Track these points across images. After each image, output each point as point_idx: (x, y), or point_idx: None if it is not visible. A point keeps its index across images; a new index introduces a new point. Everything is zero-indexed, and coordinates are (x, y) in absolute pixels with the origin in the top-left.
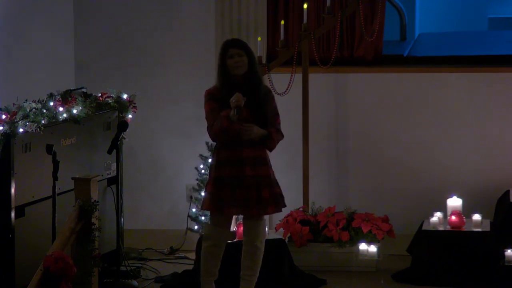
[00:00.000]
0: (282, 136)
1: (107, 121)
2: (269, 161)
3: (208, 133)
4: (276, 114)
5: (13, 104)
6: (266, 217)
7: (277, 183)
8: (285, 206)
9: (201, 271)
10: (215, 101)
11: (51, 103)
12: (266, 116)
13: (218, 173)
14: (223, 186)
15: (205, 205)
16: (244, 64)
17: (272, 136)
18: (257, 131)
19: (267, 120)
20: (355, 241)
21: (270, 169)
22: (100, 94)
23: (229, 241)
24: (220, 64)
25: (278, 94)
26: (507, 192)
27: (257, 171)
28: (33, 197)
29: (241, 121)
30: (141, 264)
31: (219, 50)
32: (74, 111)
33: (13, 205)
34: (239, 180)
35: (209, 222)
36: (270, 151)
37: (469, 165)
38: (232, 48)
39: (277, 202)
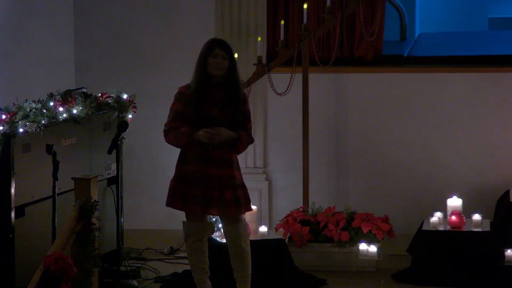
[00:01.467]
0: (253, 140)
1: (107, 121)
2: (237, 163)
3: (163, 133)
4: (249, 119)
5: (13, 104)
6: (266, 217)
7: (243, 186)
8: (248, 210)
9: (192, 271)
10: (183, 102)
11: (51, 103)
12: (239, 119)
13: (183, 170)
14: (186, 182)
15: (167, 201)
16: (224, 68)
17: (242, 139)
18: (225, 133)
19: (239, 124)
20: (355, 241)
21: (236, 171)
22: (100, 94)
23: (223, 241)
24: (201, 60)
25: (278, 94)
26: (507, 192)
27: (222, 171)
28: (33, 197)
29: (210, 125)
30: (141, 264)
31: (204, 46)
32: (74, 111)
33: (13, 205)
34: (203, 178)
35: (186, 220)
36: (238, 154)
37: (469, 165)
38: (218, 49)
39: (239, 204)
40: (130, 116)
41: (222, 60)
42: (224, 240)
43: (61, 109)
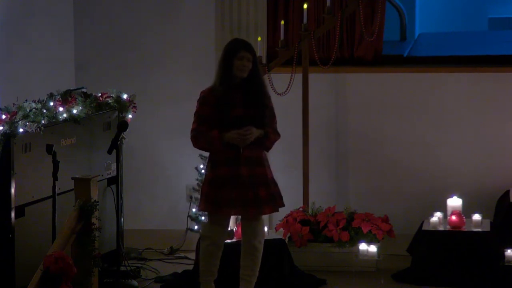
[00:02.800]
0: (279, 136)
1: (107, 121)
2: (267, 161)
3: (191, 137)
4: (274, 115)
5: (13, 104)
6: (266, 217)
7: (275, 183)
8: (283, 206)
9: (200, 271)
10: (208, 105)
11: (51, 103)
12: (264, 117)
13: (215, 173)
14: (220, 186)
15: (201, 206)
16: (248, 70)
17: (269, 136)
18: (254, 132)
19: (265, 121)
20: (355, 241)
21: (267, 169)
22: (100, 94)
23: (228, 241)
24: (225, 62)
25: (278, 94)
26: (507, 192)
27: (253, 171)
28: (33, 197)
29: (237, 126)
30: (141, 264)
31: (228, 47)
32: (74, 111)
33: (13, 205)
34: (235, 180)
35: (207, 222)
36: (267, 151)
37: (469, 165)
38: (244, 51)
39: (274, 201)
40: (130, 116)
41: (247, 63)
42: (229, 240)
43: (61, 109)
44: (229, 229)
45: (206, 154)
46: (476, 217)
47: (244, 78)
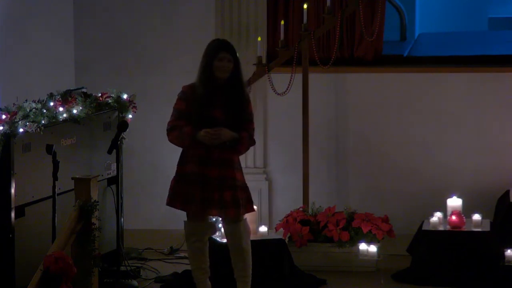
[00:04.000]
0: (254, 142)
1: (107, 121)
2: (239, 164)
3: (166, 130)
4: (251, 121)
5: (13, 104)
6: (266, 217)
7: (245, 187)
8: (250, 211)
9: (192, 270)
10: (186, 101)
11: (51, 103)
12: (241, 120)
13: (183, 169)
14: (186, 182)
15: (167, 201)
16: (230, 70)
17: (243, 141)
18: (225, 134)
19: (241, 125)
20: (355, 241)
21: (236, 172)
22: (100, 94)
23: (223, 241)
24: (205, 63)
25: (278, 94)
26: (507, 192)
27: (222, 172)
28: (33, 197)
29: (212, 126)
30: (141, 264)
31: (208, 48)
32: (74, 111)
33: (13, 205)
34: (202, 178)
35: (186, 220)
36: (239, 155)
37: (469, 165)
38: (224, 52)
39: (238, 206)
40: (130, 116)
41: (228, 63)
42: (224, 240)
43: (61, 109)
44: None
45: None
46: (476, 217)
47: (225, 78)
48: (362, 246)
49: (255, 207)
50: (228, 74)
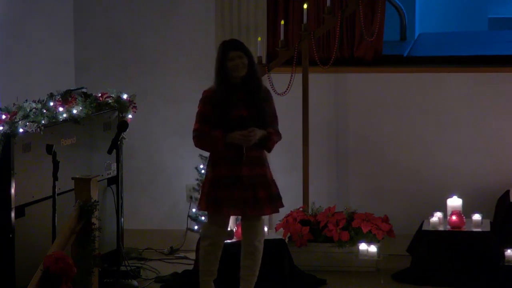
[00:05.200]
0: (281, 137)
1: (107, 121)
2: (267, 161)
3: (193, 137)
4: (275, 116)
5: (13, 104)
6: (266, 217)
7: (275, 183)
8: (282, 206)
9: (200, 271)
10: (211, 105)
11: (51, 103)
12: (266, 117)
13: (215, 173)
14: (220, 186)
15: (202, 206)
16: (245, 66)
17: (271, 137)
18: (258, 133)
19: (267, 121)
20: (355, 241)
21: (267, 169)
22: (100, 94)
23: (228, 241)
24: (219, 67)
25: (278, 94)
26: (507, 192)
27: (254, 171)
28: (33, 197)
29: (240, 126)
30: (141, 264)
31: (218, 52)
32: (74, 111)
33: (13, 205)
34: (236, 180)
35: (207, 221)
36: (269, 152)
37: (469, 165)
38: (232, 51)
39: (274, 202)
40: (130, 116)
41: (239, 60)
42: (229, 240)
43: (61, 109)
44: (229, 229)
45: (206, 154)
46: (476, 217)
47: (242, 76)
48: (362, 246)
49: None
50: (245, 70)
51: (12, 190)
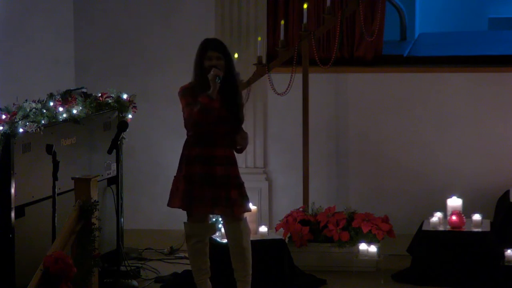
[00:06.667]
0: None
1: (107, 121)
2: (236, 161)
3: (186, 124)
4: (242, 104)
5: (13, 104)
6: (266, 217)
7: (243, 185)
8: (250, 210)
9: (193, 271)
10: (191, 96)
11: (51, 103)
12: (241, 117)
13: (189, 170)
14: (194, 184)
15: (177, 203)
16: (222, 68)
17: (246, 136)
18: (246, 137)
19: (241, 122)
20: (355, 241)
21: (238, 170)
22: (100, 94)
23: (223, 241)
24: (197, 63)
25: (278, 94)
26: (507, 192)
27: (227, 171)
28: (33, 197)
29: (214, 116)
30: (141, 264)
31: (198, 48)
32: (74, 111)
33: (13, 205)
34: (210, 178)
35: (188, 220)
36: (240, 153)
37: (469, 165)
38: (211, 51)
39: (243, 203)
40: (130, 116)
41: (217, 61)
42: (224, 240)
43: (61, 109)
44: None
45: None
46: (476, 217)
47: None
48: (362, 246)
49: (254, 207)
50: (223, 72)
51: (12, 190)
